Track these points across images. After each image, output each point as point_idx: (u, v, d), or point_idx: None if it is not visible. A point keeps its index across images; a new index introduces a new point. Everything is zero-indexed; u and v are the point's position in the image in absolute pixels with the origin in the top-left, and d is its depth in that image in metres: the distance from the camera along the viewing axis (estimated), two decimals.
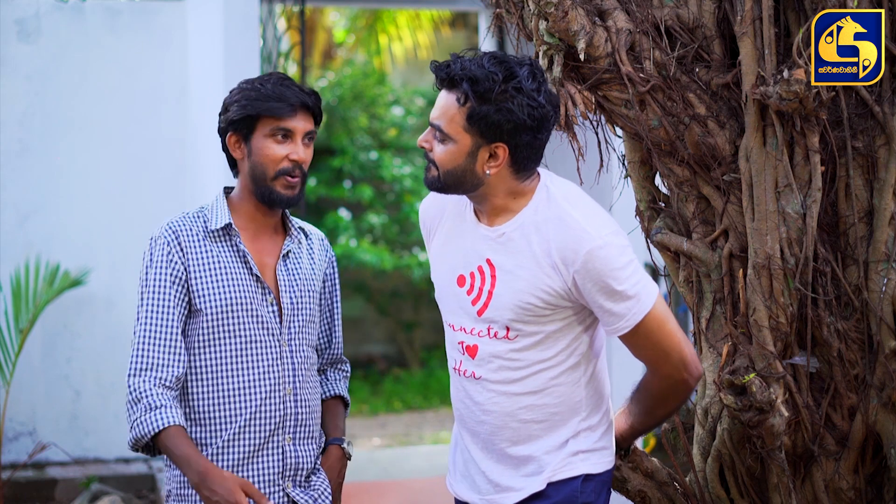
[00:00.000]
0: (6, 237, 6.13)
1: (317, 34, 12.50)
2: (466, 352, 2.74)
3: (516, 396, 2.69)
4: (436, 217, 2.86)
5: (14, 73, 6.16)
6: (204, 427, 2.86)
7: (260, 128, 2.87)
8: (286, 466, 2.89)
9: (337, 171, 10.58)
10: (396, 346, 11.22)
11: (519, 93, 2.57)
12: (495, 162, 2.62)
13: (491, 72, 2.57)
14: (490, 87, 2.56)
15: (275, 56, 6.75)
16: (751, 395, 2.85)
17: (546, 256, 2.63)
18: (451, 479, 2.87)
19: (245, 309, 2.86)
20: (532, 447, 2.71)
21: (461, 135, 2.61)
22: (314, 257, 3.03)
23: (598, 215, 2.67)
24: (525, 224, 2.66)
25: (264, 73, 2.92)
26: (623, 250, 2.64)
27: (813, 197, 2.91)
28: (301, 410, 2.91)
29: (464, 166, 2.63)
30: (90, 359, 6.20)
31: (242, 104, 2.87)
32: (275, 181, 2.87)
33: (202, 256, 2.87)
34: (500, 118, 2.57)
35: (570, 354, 2.69)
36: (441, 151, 2.64)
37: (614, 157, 3.30)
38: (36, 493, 5.94)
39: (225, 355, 2.85)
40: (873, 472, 3.03)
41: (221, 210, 2.91)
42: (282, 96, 2.86)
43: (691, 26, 3.01)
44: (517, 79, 2.58)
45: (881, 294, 2.91)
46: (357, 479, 6.84)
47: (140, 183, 6.25)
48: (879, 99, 2.92)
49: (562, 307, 2.65)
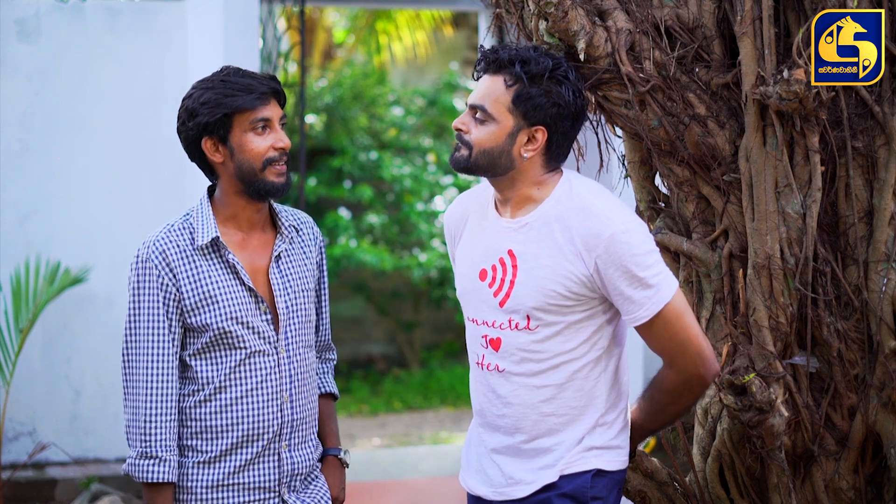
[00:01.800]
0: (6, 237, 6.12)
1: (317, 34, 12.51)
2: (490, 345, 2.76)
3: (539, 389, 2.72)
4: (460, 221, 2.89)
5: (14, 73, 6.15)
6: (201, 437, 2.83)
7: (237, 124, 2.79)
8: (283, 473, 2.87)
9: (337, 171, 10.57)
10: (396, 346, 11.22)
11: (566, 79, 2.69)
12: (533, 146, 2.69)
13: (541, 57, 2.68)
14: (540, 71, 2.67)
15: (275, 56, 6.75)
16: (751, 395, 2.85)
17: (569, 244, 2.66)
18: (465, 474, 2.90)
19: (239, 322, 2.81)
20: (551, 441, 2.73)
21: (504, 115, 2.68)
22: (307, 249, 2.96)
23: (621, 206, 2.72)
24: (548, 214, 2.70)
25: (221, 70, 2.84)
26: (645, 238, 2.68)
27: (813, 197, 2.91)
28: (297, 417, 2.88)
29: (501, 147, 2.69)
30: (90, 359, 6.19)
31: (212, 105, 2.78)
32: (264, 172, 2.80)
33: (192, 274, 2.80)
34: (546, 101, 2.67)
35: (591, 347, 2.71)
36: (481, 132, 2.70)
37: (614, 157, 3.30)
38: (36, 493, 5.94)
39: (221, 368, 2.82)
40: (873, 472, 3.03)
41: (207, 221, 2.83)
42: (251, 87, 2.79)
43: (691, 26, 3.01)
44: (563, 67, 2.70)
45: (881, 294, 2.91)
46: (357, 479, 6.84)
47: (140, 183, 6.25)
48: (879, 99, 2.92)
49: (583, 297, 2.67)
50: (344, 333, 10.77)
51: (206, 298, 2.80)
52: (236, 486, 2.84)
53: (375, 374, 10.82)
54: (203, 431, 2.83)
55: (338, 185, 10.59)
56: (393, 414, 9.68)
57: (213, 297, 2.80)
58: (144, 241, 2.84)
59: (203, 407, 2.83)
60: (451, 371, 10.64)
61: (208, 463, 2.83)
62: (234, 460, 2.83)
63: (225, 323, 2.80)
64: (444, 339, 11.22)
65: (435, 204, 10.68)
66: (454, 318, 10.69)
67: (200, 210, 2.85)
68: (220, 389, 2.82)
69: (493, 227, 2.78)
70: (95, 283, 6.04)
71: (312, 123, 10.74)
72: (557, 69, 2.69)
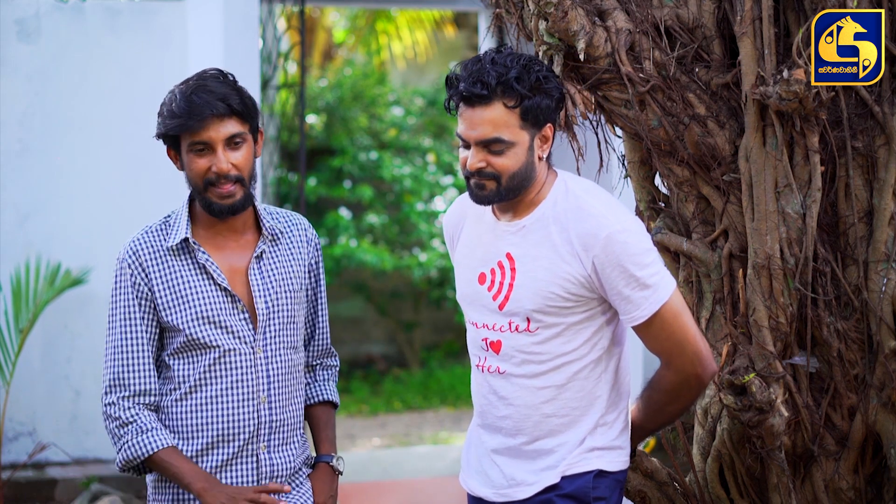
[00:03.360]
0: (6, 237, 6.12)
1: (317, 34, 12.50)
2: (490, 348, 2.76)
3: (540, 390, 2.72)
4: (457, 224, 2.88)
5: (14, 73, 6.15)
6: (178, 436, 2.84)
7: (182, 141, 2.84)
8: (261, 475, 2.85)
9: (337, 171, 10.57)
10: (396, 346, 11.22)
11: (550, 73, 2.70)
12: (546, 143, 2.71)
13: (522, 66, 2.66)
14: (532, 79, 2.65)
15: (275, 56, 6.75)
16: (751, 395, 2.85)
17: (566, 245, 2.66)
18: (465, 475, 2.89)
19: (212, 322, 2.82)
20: (552, 442, 2.73)
21: (519, 134, 2.66)
22: (295, 251, 2.95)
23: (618, 206, 2.72)
24: (545, 216, 2.70)
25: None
26: (643, 238, 2.68)
27: (813, 197, 2.91)
28: (276, 418, 2.86)
29: (526, 161, 2.68)
30: (90, 359, 6.19)
31: (160, 122, 2.86)
32: (206, 193, 2.82)
33: (164, 274, 2.84)
34: (548, 102, 2.67)
35: (591, 348, 2.71)
36: (505, 160, 2.66)
37: (614, 157, 3.30)
38: (36, 494, 5.94)
39: (195, 367, 2.83)
40: (873, 472, 3.03)
41: (181, 222, 2.86)
42: (190, 111, 2.79)
43: (691, 26, 3.01)
44: (538, 61, 2.71)
45: (881, 294, 2.91)
46: (357, 480, 6.84)
47: (140, 183, 6.25)
48: (879, 99, 2.92)
49: (582, 298, 2.67)
50: (344, 333, 10.77)
51: (177, 298, 2.83)
52: None
53: (375, 374, 10.82)
54: (180, 430, 2.84)
55: (338, 185, 10.59)
56: (393, 414, 9.68)
57: (185, 296, 2.82)
58: (125, 242, 2.91)
59: (179, 405, 2.84)
60: (451, 371, 10.64)
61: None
62: (211, 460, 2.83)
63: (195, 321, 2.81)
64: (444, 339, 11.22)
65: (435, 204, 10.68)
66: (454, 318, 10.69)
67: (180, 212, 2.90)
68: (195, 388, 2.83)
69: (491, 231, 2.78)
70: (95, 283, 6.04)
71: (312, 123, 10.74)
72: (539, 67, 2.68)
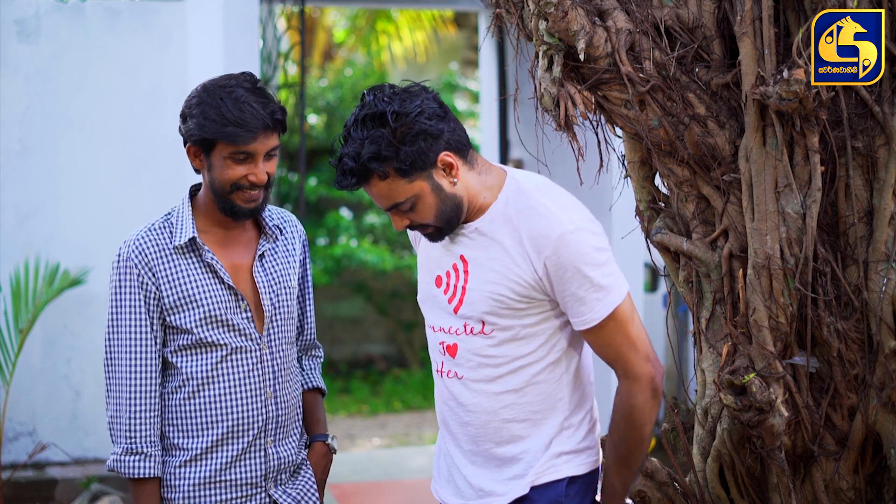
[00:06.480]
0: (6, 237, 6.12)
1: (317, 34, 12.51)
2: (447, 352, 2.73)
3: (497, 395, 2.68)
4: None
5: (14, 73, 6.15)
6: (187, 433, 2.85)
7: (219, 149, 2.76)
8: (269, 468, 2.88)
9: None
10: (396, 346, 11.22)
11: (401, 117, 2.56)
12: (452, 169, 2.62)
13: (373, 135, 2.55)
14: (391, 141, 2.55)
15: (275, 56, 6.75)
16: (751, 395, 2.85)
17: (517, 246, 2.62)
18: (436, 484, 2.87)
19: (219, 321, 2.82)
20: (516, 448, 2.70)
21: (413, 188, 2.60)
22: (290, 248, 2.97)
23: (572, 204, 2.66)
24: (496, 217, 2.66)
25: (260, 74, 2.85)
26: (596, 237, 2.62)
27: (813, 197, 2.91)
28: (282, 412, 2.90)
29: (440, 199, 2.62)
30: (90, 359, 6.19)
31: (201, 123, 2.75)
32: (232, 195, 2.79)
33: (171, 273, 2.82)
34: (421, 144, 2.57)
35: (549, 350, 2.68)
36: (422, 213, 2.63)
37: (614, 157, 3.30)
38: (36, 494, 5.94)
39: (202, 365, 2.83)
40: (873, 472, 3.03)
41: (186, 221, 2.84)
42: (241, 121, 2.73)
43: (691, 26, 3.01)
44: (384, 112, 2.55)
45: (881, 294, 2.91)
46: (357, 480, 6.85)
47: (140, 183, 6.25)
48: (879, 99, 2.92)
49: (534, 300, 2.64)
50: (344, 333, 10.77)
51: (184, 298, 2.81)
52: (223, 482, 2.85)
53: (375, 374, 10.82)
54: (189, 427, 2.84)
55: None
56: (393, 414, 9.68)
57: (192, 296, 2.82)
58: (125, 240, 2.85)
59: (188, 403, 2.84)
60: None
61: (195, 460, 2.84)
62: (221, 457, 2.84)
63: (203, 322, 2.81)
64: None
65: None
66: None
67: (181, 210, 2.87)
68: (203, 385, 2.83)
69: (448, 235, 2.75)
70: (95, 283, 6.04)
71: (313, 123, 10.74)
72: (386, 120, 2.55)
